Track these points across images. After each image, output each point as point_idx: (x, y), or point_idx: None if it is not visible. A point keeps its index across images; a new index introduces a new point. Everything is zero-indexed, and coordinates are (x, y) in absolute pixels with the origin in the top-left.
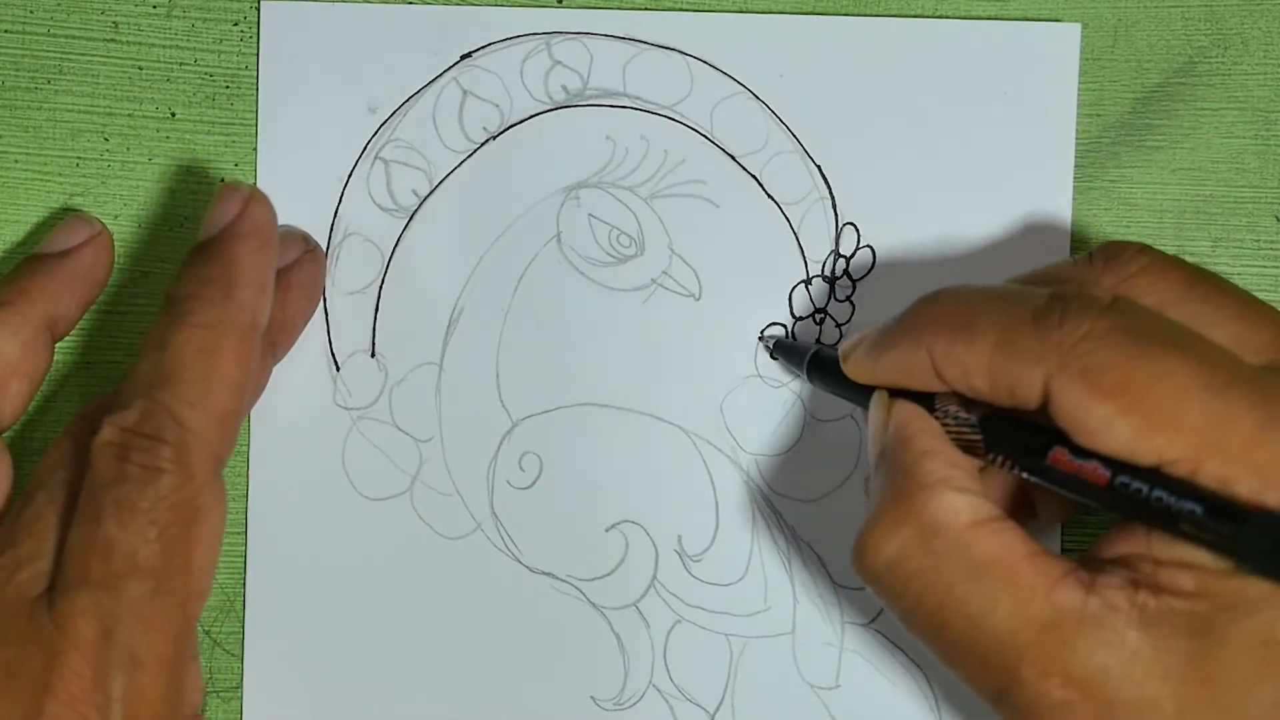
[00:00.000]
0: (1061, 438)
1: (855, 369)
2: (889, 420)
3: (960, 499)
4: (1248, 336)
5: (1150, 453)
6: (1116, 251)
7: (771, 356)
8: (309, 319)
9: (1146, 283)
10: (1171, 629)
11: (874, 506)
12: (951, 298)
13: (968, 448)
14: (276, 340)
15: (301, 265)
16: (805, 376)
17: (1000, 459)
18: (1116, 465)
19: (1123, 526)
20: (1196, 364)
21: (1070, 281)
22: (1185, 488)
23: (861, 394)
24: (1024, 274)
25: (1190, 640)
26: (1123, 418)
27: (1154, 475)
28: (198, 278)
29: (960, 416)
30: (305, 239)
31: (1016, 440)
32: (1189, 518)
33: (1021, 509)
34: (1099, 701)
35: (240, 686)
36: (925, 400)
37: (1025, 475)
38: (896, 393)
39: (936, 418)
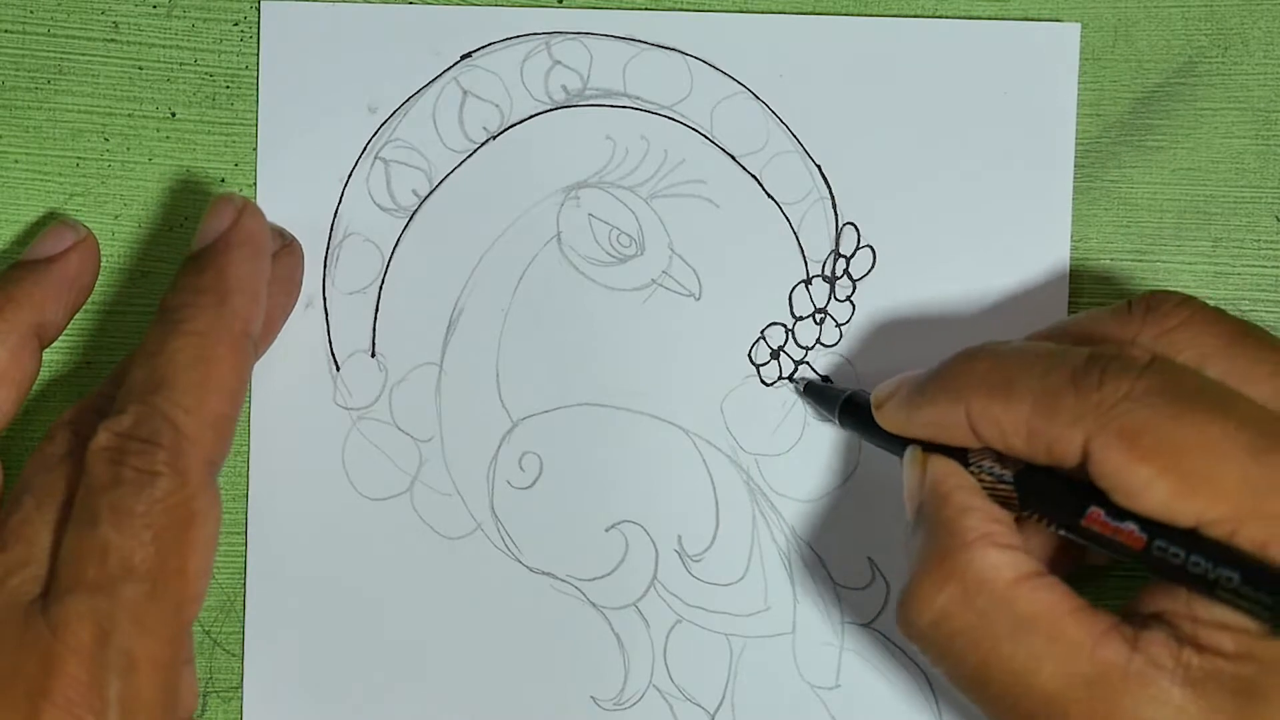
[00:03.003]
0: (1097, 496)
1: (889, 419)
2: (925, 476)
3: (1002, 555)
4: None
5: (1189, 514)
6: (1158, 303)
7: (802, 394)
8: (288, 314)
9: (1187, 336)
10: (1217, 688)
11: (915, 564)
12: (989, 356)
13: (1003, 503)
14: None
15: (279, 260)
16: (836, 420)
17: (1036, 515)
18: (1153, 529)
19: (1162, 582)
20: (1236, 425)
21: (1109, 334)
22: (1222, 552)
23: (893, 441)
24: (1061, 322)
25: (1236, 700)
26: (1162, 479)
27: (1191, 539)
28: (191, 286)
29: (996, 472)
30: (281, 234)
31: (1052, 498)
32: (1225, 584)
33: (1067, 552)
34: None
35: (240, 686)
36: (959, 455)
37: (1061, 532)
38: (930, 446)
39: (971, 472)
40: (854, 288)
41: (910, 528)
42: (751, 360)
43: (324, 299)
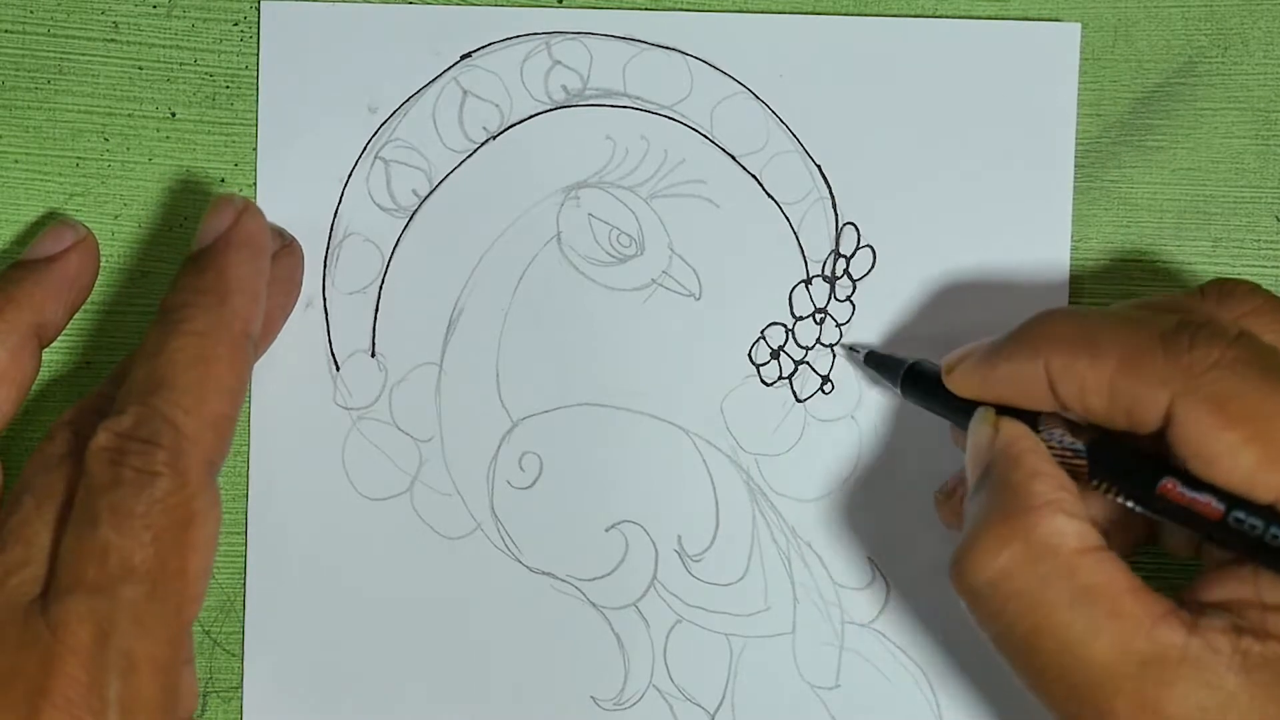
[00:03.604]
0: (1169, 469)
1: (961, 382)
2: (995, 437)
3: (1069, 524)
4: None
5: (1272, 486)
6: (1230, 289)
7: (865, 364)
8: (288, 314)
9: (1262, 323)
10: (1272, 675)
11: (977, 522)
12: (1073, 315)
13: (1071, 473)
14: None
15: (279, 260)
16: (899, 390)
17: (1105, 486)
18: (1231, 500)
19: (1225, 570)
20: None
21: (1189, 311)
22: None
23: (958, 411)
24: (1135, 301)
25: None
26: (1248, 447)
27: (1270, 513)
28: (192, 286)
29: (1066, 441)
30: (281, 234)
31: (1124, 468)
32: None
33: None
34: None
35: (240, 686)
36: (1028, 421)
37: (1130, 504)
38: (1000, 411)
39: (1041, 440)
40: (854, 288)
41: (972, 488)
42: (751, 360)
43: (324, 299)
